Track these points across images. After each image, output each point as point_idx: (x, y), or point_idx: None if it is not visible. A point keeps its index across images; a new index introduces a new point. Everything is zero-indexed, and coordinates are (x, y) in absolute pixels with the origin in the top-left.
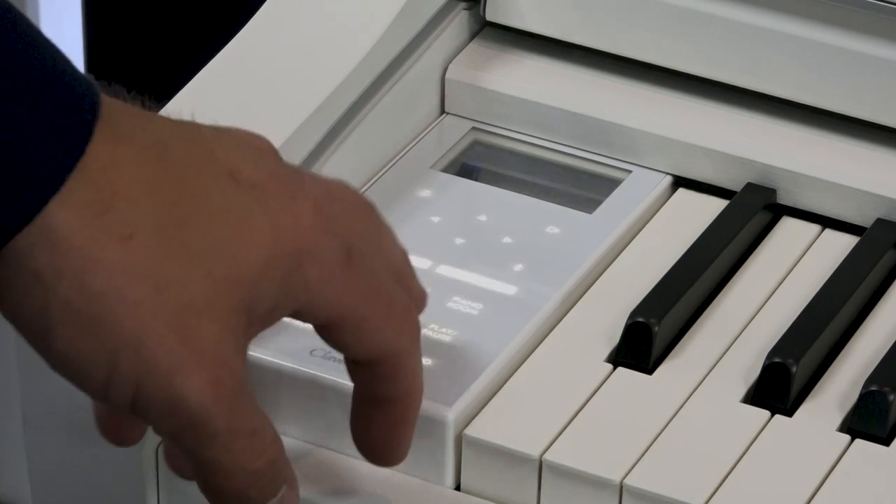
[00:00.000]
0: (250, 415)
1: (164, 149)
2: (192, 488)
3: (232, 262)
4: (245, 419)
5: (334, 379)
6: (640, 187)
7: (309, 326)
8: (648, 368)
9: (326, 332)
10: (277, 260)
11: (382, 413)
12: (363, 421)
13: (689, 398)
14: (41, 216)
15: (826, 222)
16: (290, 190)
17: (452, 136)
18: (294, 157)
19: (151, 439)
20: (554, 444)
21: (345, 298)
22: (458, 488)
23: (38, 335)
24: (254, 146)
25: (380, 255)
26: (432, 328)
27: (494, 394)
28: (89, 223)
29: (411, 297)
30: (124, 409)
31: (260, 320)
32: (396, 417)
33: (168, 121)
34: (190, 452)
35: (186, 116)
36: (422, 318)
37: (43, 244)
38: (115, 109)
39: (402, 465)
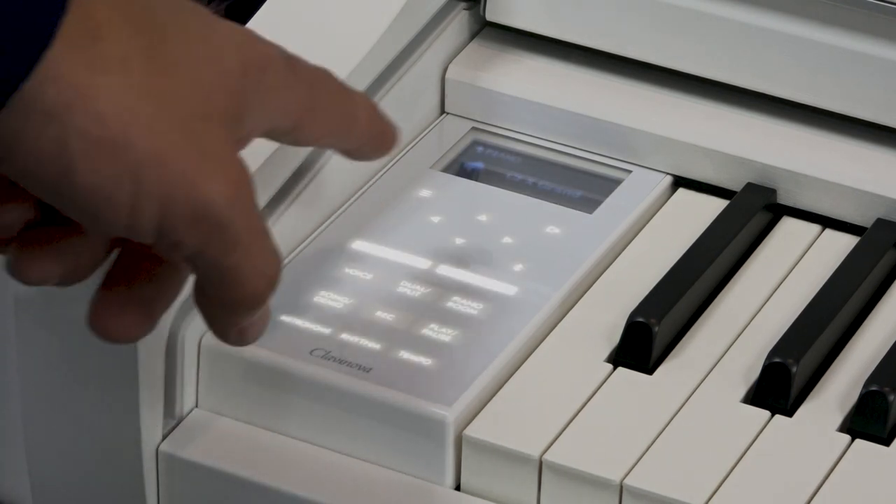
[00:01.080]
0: (261, 218)
1: None
2: (193, 488)
3: (217, 71)
4: (259, 222)
5: (334, 379)
6: (640, 187)
7: (309, 326)
8: (648, 368)
9: (291, 135)
10: (249, 67)
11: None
12: None
13: (689, 398)
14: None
15: (826, 222)
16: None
17: (452, 136)
18: (295, 156)
19: (151, 439)
20: (554, 444)
21: (298, 95)
22: (458, 488)
23: (59, 175)
24: None
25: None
26: (432, 328)
27: (494, 394)
28: (84, 54)
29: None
30: (147, 237)
31: (248, 134)
32: (372, 141)
33: None
34: (211, 266)
35: None
36: (422, 318)
37: (47, 84)
38: None
39: (402, 465)
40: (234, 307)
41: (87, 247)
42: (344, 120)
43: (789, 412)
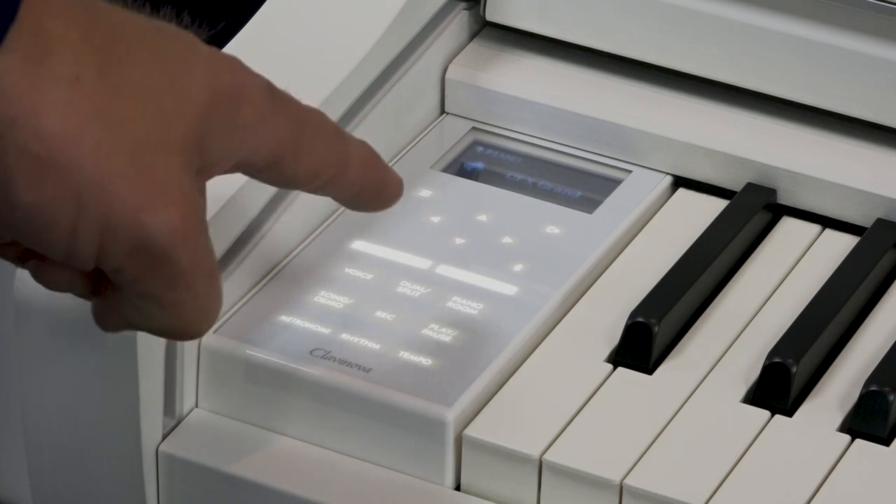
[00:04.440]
0: (210, 255)
1: (90, 4)
2: (193, 488)
3: (179, 98)
4: (207, 259)
5: (334, 379)
6: (640, 187)
7: (309, 326)
8: (648, 368)
9: (269, 172)
10: (219, 97)
11: (358, 198)
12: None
13: (689, 398)
14: None
15: (826, 222)
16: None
17: (452, 136)
18: None
19: (151, 439)
20: (554, 444)
21: (278, 132)
22: (458, 488)
23: None
24: None
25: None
26: (432, 328)
27: (494, 394)
28: (34, 69)
29: None
30: (86, 263)
31: (210, 166)
32: (368, 190)
33: None
34: (150, 296)
35: None
36: (422, 318)
37: None
38: None
39: (402, 465)
40: (166, 336)
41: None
42: (332, 164)
43: (789, 412)
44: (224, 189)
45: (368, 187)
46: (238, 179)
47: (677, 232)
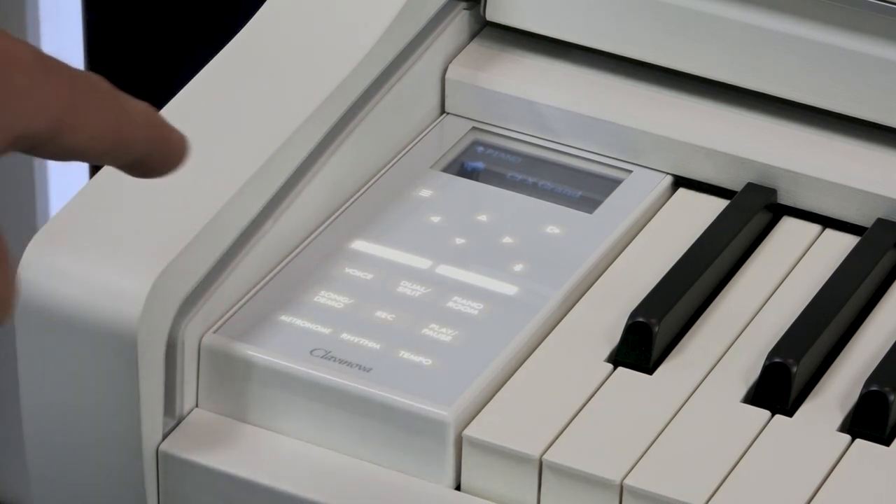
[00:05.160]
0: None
1: None
2: (193, 488)
3: None
4: None
5: (334, 379)
6: (640, 187)
7: (309, 326)
8: (648, 368)
9: (51, 144)
10: None
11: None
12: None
13: (689, 398)
14: None
15: (826, 222)
16: None
17: (452, 136)
18: (294, 156)
19: (151, 439)
20: (554, 444)
21: (54, 97)
22: (458, 488)
23: None
24: None
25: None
26: (432, 328)
27: (494, 394)
28: None
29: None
30: None
31: None
32: (154, 151)
33: None
34: None
35: (187, 116)
36: (422, 318)
37: None
38: None
39: (402, 465)
40: None
41: None
42: (114, 126)
43: (789, 412)
44: (224, 189)
45: (154, 148)
46: (238, 179)
47: (677, 232)
